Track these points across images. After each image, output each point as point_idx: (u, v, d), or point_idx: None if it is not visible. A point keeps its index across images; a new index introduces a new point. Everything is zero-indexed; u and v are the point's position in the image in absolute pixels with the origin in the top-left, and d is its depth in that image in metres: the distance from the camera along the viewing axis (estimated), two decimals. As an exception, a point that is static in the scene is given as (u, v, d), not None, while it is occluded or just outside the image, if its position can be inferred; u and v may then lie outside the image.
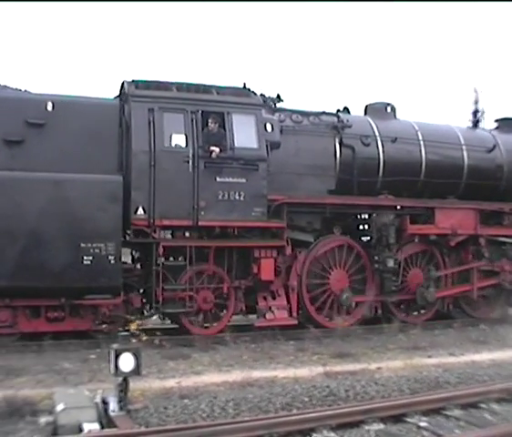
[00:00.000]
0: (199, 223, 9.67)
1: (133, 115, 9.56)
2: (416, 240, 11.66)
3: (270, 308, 10.35)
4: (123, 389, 5.27)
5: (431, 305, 11.66)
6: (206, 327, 10.16)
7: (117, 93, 10.29)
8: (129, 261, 10.17)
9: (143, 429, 5.09)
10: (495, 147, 12.79)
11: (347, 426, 5.37)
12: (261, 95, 11.17)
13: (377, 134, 11.60)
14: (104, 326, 9.38)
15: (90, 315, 9.40)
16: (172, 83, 10.15)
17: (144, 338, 8.69)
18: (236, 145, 9.96)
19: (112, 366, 5.23)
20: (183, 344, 9.31)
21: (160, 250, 9.47)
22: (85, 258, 9.01)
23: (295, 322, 10.54)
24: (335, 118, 11.36)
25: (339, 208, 11.01)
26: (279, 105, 11.36)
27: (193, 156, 9.68)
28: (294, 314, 10.75)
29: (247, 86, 10.69)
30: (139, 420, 5.38)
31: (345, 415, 5.51)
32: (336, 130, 11.20)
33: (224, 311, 10.27)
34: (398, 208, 11.47)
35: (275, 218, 10.22)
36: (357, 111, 12.28)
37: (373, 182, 11.46)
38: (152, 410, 5.66)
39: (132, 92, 9.73)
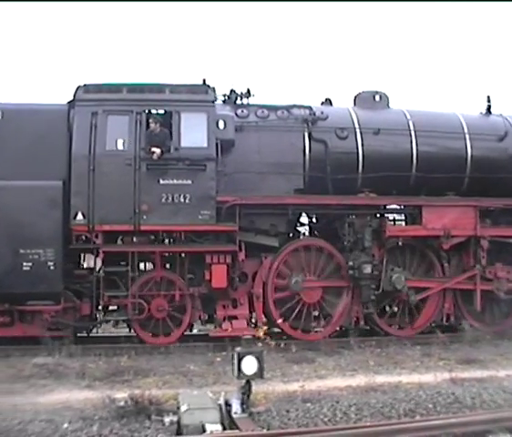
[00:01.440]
0: (142, 228, 9.30)
1: (76, 119, 9.45)
2: (400, 243, 10.35)
3: (225, 318, 9.72)
4: (246, 391, 5.39)
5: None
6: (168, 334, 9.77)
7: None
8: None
9: (265, 431, 5.20)
10: (507, 134, 11.06)
11: (472, 435, 5.17)
12: (232, 90, 10.63)
13: (357, 125, 10.47)
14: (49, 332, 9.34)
15: (39, 321, 9.41)
16: (124, 84, 9.87)
17: (271, 342, 9.08)
18: (182, 145, 9.48)
19: (235, 369, 5.39)
20: (308, 348, 9.32)
21: (100, 256, 9.25)
22: (24, 264, 9.03)
23: (253, 333, 9.80)
24: (307, 111, 10.43)
25: (307, 208, 10.10)
26: (253, 100, 10.71)
27: (135, 158, 9.35)
28: (260, 324, 10.06)
29: (206, 83, 10.15)
30: (261, 422, 5.48)
31: (471, 424, 5.28)
32: (306, 124, 10.27)
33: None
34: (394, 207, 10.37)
35: (229, 222, 9.56)
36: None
37: (352, 179, 10.35)
38: (274, 413, 5.75)
39: (78, 96, 9.62)
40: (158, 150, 9.28)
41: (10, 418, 5.58)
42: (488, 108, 11.58)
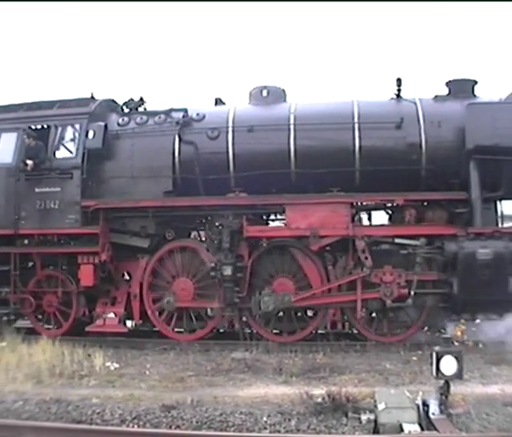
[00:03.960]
0: (20, 231, 10.48)
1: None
2: (265, 244, 9.96)
3: (98, 314, 10.46)
4: (444, 392, 5.23)
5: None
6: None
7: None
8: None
9: (464, 434, 5.11)
10: (403, 120, 9.86)
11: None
12: (130, 99, 11.28)
13: (230, 124, 10.33)
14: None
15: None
16: (18, 104, 11.16)
17: (469, 342, 9.10)
18: (56, 156, 10.45)
19: (434, 368, 5.28)
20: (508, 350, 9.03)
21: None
22: None
23: (125, 330, 10.40)
24: (181, 114, 10.59)
25: (178, 210, 10.32)
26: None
27: (16, 170, 10.55)
28: (136, 321, 10.62)
29: (93, 96, 10.97)
30: (460, 424, 5.40)
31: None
32: (178, 127, 10.45)
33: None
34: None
35: (94, 225, 10.27)
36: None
37: (225, 179, 10.22)
38: (473, 415, 5.65)
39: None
40: (30, 162, 10.37)
41: (212, 409, 5.96)
42: (398, 92, 10.42)
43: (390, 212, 10.24)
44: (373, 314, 10.06)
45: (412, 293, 9.45)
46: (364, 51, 32.22)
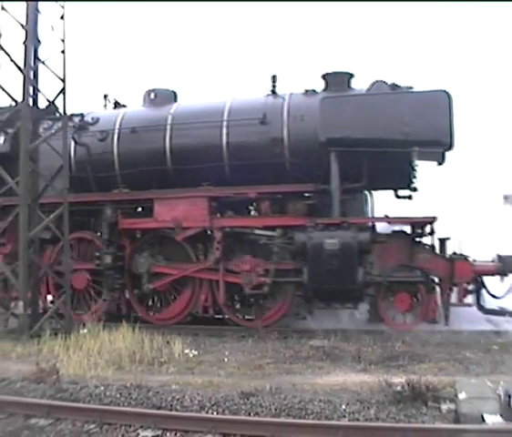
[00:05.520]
0: None
1: None
2: (138, 236, 10.78)
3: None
4: None
5: None
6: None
7: None
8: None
9: None
10: (265, 116, 10.27)
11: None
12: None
13: (117, 127, 11.24)
14: None
15: None
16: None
17: None
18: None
19: None
20: None
21: None
22: None
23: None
24: (78, 119, 11.63)
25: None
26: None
27: None
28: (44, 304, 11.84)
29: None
30: None
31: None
32: (73, 131, 11.50)
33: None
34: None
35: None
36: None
37: (112, 177, 11.19)
38: None
39: None
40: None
41: (291, 396, 5.94)
42: (273, 88, 10.81)
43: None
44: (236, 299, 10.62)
45: (268, 281, 9.91)
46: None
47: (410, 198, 10.51)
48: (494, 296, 9.95)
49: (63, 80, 10.22)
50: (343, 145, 9.61)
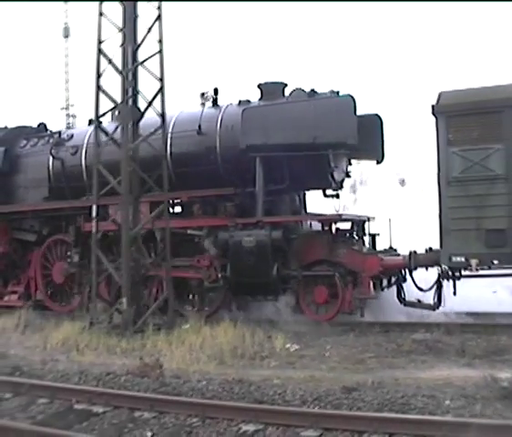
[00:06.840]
0: None
1: None
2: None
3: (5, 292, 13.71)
4: None
5: None
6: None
7: None
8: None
9: None
10: (200, 127, 11.36)
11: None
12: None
13: (85, 142, 12.80)
14: None
15: None
16: None
17: None
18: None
19: None
20: None
21: None
22: None
23: (20, 304, 13.35)
24: (56, 136, 13.36)
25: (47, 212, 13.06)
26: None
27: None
28: (33, 298, 13.58)
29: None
30: None
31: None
32: (51, 146, 13.24)
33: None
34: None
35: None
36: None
37: (82, 186, 12.74)
38: None
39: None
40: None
41: (393, 391, 5.82)
42: (214, 101, 11.86)
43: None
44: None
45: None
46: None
47: (337, 196, 11.16)
48: (420, 289, 10.42)
49: (161, 80, 10.61)
50: (262, 150, 10.53)
